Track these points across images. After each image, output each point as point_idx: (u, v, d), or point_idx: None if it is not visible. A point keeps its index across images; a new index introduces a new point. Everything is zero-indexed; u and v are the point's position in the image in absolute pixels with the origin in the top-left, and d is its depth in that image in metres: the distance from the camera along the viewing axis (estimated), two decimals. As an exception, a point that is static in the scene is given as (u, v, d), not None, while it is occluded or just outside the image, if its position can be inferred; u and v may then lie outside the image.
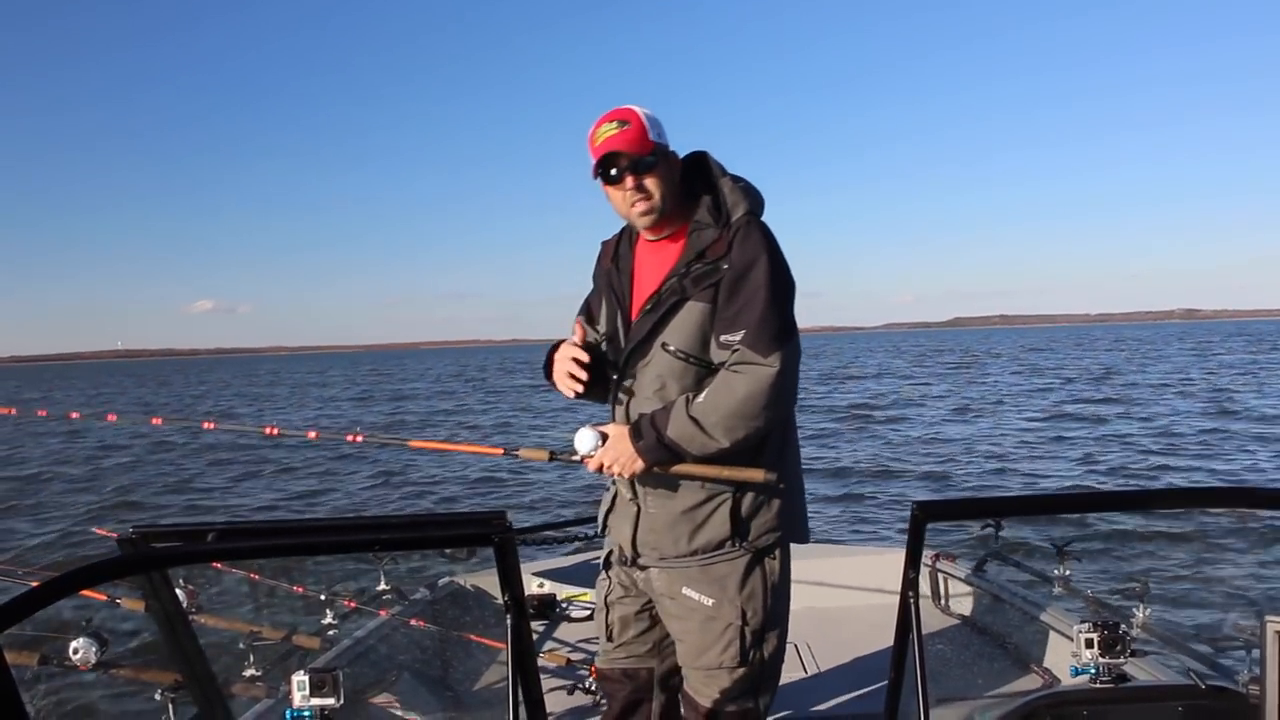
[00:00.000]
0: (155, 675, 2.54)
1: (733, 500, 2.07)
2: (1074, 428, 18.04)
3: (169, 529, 1.77)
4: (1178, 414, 19.60)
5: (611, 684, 2.34)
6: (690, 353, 2.04)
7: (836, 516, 10.27)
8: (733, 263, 2.00)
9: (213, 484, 14.48)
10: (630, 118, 2.06)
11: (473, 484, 13.48)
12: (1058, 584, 3.39)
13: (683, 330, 2.04)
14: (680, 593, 2.13)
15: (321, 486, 13.94)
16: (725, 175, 2.13)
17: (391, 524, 2.06)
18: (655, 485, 2.11)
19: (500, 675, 3.27)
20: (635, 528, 2.16)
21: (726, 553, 2.09)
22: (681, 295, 2.03)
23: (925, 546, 1.70)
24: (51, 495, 13.57)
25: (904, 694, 1.75)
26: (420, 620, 3.42)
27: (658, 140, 2.07)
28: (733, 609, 2.09)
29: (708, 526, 2.08)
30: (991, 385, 31.12)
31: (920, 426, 19.61)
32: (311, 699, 1.77)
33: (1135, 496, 2.41)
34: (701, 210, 2.07)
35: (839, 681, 3.10)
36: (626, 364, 2.13)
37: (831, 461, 14.66)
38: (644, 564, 2.19)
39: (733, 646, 2.10)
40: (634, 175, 2.04)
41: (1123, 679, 1.93)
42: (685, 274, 2.04)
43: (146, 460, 17.90)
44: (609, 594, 2.31)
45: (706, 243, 2.04)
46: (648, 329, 2.07)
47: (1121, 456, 14.15)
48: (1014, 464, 13.85)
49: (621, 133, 2.04)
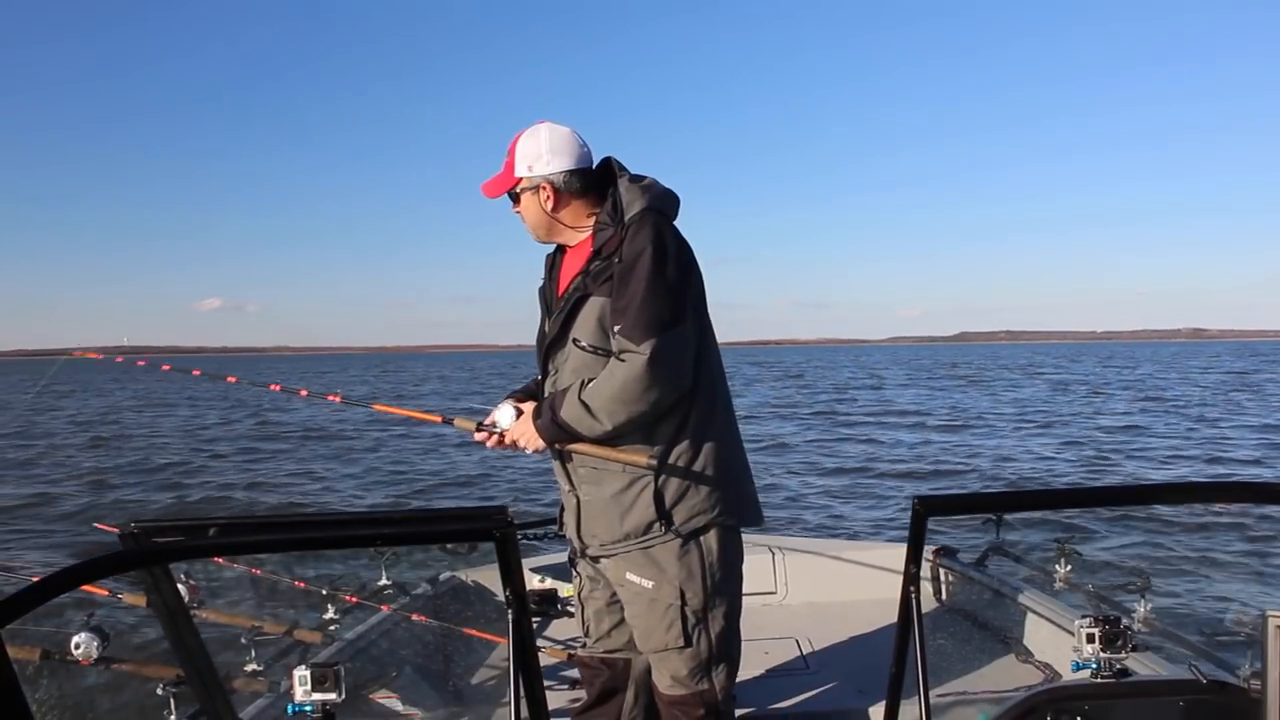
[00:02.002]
0: (157, 670, 2.55)
1: (655, 484, 2.14)
2: (1074, 428, 18.04)
3: (170, 523, 1.77)
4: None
5: (590, 671, 2.44)
6: (598, 345, 2.15)
7: (838, 511, 10.28)
8: (623, 257, 2.10)
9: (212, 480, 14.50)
10: (509, 150, 2.26)
11: (473, 479, 13.49)
12: (1059, 579, 3.39)
13: (587, 325, 2.15)
14: (625, 578, 2.21)
15: (321, 486, 13.96)
16: (624, 175, 2.24)
17: (393, 519, 2.06)
18: (585, 474, 2.21)
19: (502, 670, 3.27)
20: (578, 518, 2.26)
21: (657, 536, 2.16)
22: (584, 292, 2.15)
23: (926, 541, 1.70)
24: (54, 489, 13.59)
25: (905, 688, 1.75)
26: (422, 615, 3.42)
27: (526, 174, 2.24)
28: (671, 589, 2.16)
29: (635, 510, 2.16)
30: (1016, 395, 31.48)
31: (921, 426, 19.63)
32: (313, 694, 1.78)
33: (1136, 491, 2.41)
34: (603, 212, 2.20)
35: (839, 675, 3.10)
36: (547, 361, 2.26)
37: (832, 458, 14.68)
38: (591, 554, 2.28)
39: (675, 627, 2.17)
40: (513, 204, 2.31)
41: (1124, 674, 1.93)
42: (587, 272, 2.16)
43: (149, 460, 17.92)
44: (581, 589, 2.42)
45: (604, 240, 2.16)
46: (559, 326, 2.20)
47: (1125, 456, 14.16)
48: (1016, 461, 13.86)
49: (492, 178, 2.29)
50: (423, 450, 17.20)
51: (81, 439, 21.71)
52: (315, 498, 12.71)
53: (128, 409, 33.28)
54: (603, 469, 2.18)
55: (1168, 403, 25.27)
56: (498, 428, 2.25)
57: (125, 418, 28.93)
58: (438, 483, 13.57)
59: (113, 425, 25.57)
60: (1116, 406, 24.27)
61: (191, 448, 19.04)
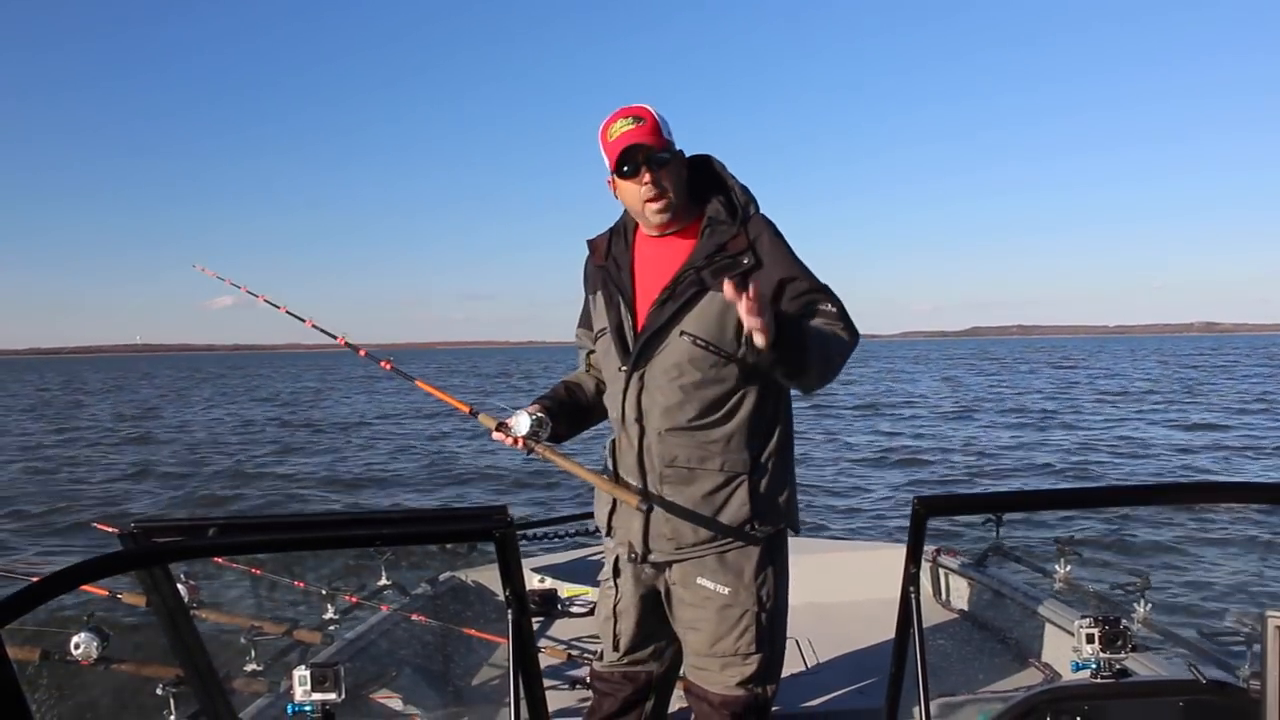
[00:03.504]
0: (157, 670, 2.54)
1: (750, 481, 2.10)
2: (1079, 426, 18.04)
3: (170, 523, 1.77)
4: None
5: (609, 684, 2.33)
6: (710, 340, 2.07)
7: (838, 511, 10.28)
8: (766, 255, 2.07)
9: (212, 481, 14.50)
10: (645, 115, 2.10)
11: (474, 478, 13.50)
12: (1058, 579, 3.39)
13: (703, 318, 2.07)
14: (695, 582, 2.14)
15: (320, 484, 13.95)
16: (732, 176, 2.18)
17: (393, 519, 2.06)
18: (671, 474, 2.12)
19: (501, 670, 3.27)
20: (646, 522, 2.14)
21: (744, 537, 2.10)
22: (701, 285, 2.06)
23: (926, 541, 1.70)
24: (56, 488, 13.59)
25: (904, 689, 1.75)
26: (421, 615, 3.42)
27: (669, 138, 2.11)
28: (749, 596, 2.11)
29: (728, 509, 2.10)
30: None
31: (922, 423, 19.63)
32: (313, 694, 1.77)
33: (1136, 491, 2.40)
34: (715, 207, 2.13)
35: (840, 676, 3.10)
36: (641, 352, 2.12)
37: (833, 457, 14.68)
38: (656, 560, 2.17)
39: (749, 633, 2.12)
40: (651, 170, 2.07)
41: (1123, 674, 1.92)
42: (704, 265, 2.07)
43: (152, 458, 17.92)
44: (618, 602, 2.28)
45: (725, 237, 2.09)
46: (666, 317, 2.09)
47: (1127, 456, 14.16)
48: (1016, 461, 13.87)
49: (639, 128, 2.07)
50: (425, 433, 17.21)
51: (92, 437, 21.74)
52: (316, 495, 12.71)
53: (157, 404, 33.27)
54: (697, 468, 2.10)
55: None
56: (513, 432, 2.13)
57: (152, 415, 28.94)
58: (438, 478, 13.58)
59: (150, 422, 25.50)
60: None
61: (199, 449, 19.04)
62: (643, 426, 2.13)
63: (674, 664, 2.33)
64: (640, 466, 2.15)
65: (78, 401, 38.61)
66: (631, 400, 2.14)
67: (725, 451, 2.09)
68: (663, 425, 2.10)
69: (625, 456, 2.18)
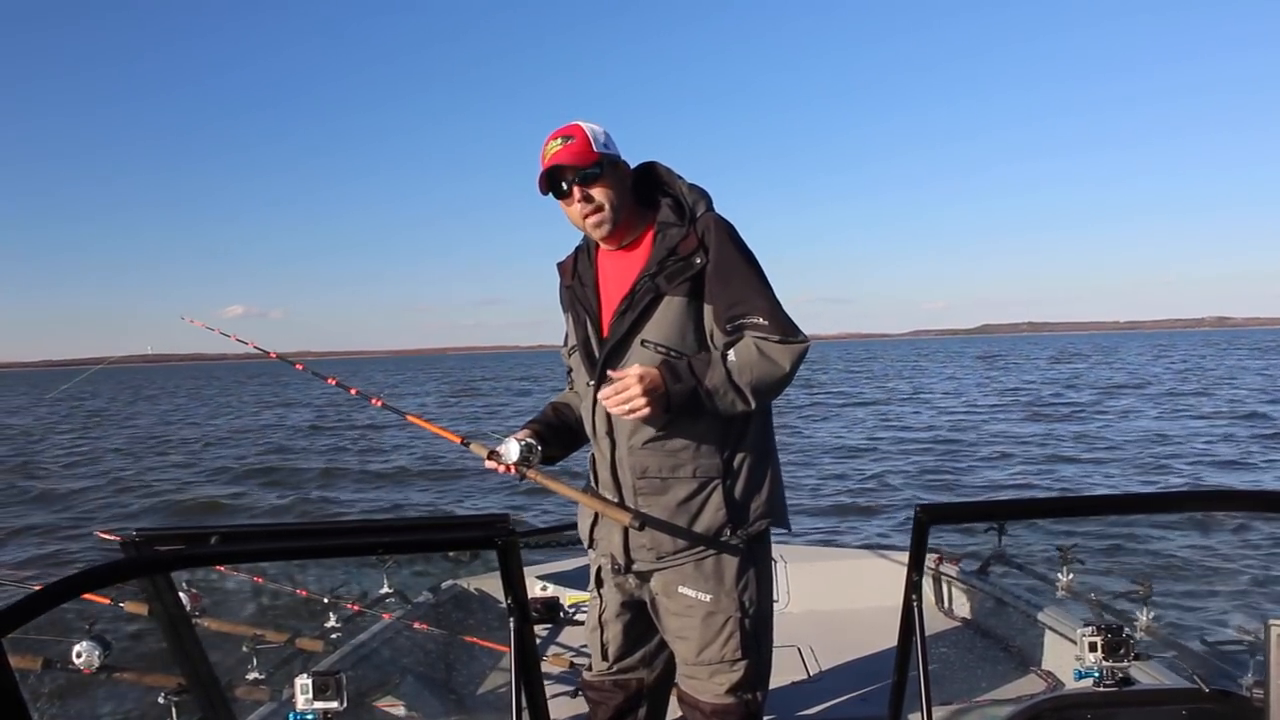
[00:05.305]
0: (159, 679, 2.54)
1: (724, 486, 2.09)
2: (1078, 429, 18.02)
3: (172, 532, 1.77)
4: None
5: (601, 693, 2.34)
6: (671, 346, 2.07)
7: (840, 519, 10.26)
8: (711, 256, 2.05)
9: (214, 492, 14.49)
10: (574, 133, 2.11)
11: (475, 487, 13.48)
12: (1061, 587, 3.38)
13: (662, 325, 2.08)
14: (677, 591, 2.14)
15: (320, 487, 13.95)
16: (679, 178, 2.19)
17: (395, 527, 2.06)
18: (645, 484, 2.12)
19: (504, 679, 3.27)
20: (626, 533, 2.15)
21: (721, 542, 2.10)
22: (656, 292, 2.07)
23: (928, 549, 1.70)
24: (58, 498, 13.59)
25: (907, 697, 1.75)
26: (423, 623, 3.42)
27: (604, 151, 2.11)
28: (731, 602, 2.11)
29: (703, 516, 2.09)
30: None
31: (924, 427, 19.60)
32: (315, 702, 1.77)
33: (1140, 499, 2.40)
34: (664, 212, 2.13)
35: (842, 684, 3.10)
36: (605, 364, 2.12)
37: (835, 460, 14.66)
38: (639, 569, 2.17)
39: (733, 640, 2.11)
40: (581, 186, 2.09)
41: (1126, 682, 1.92)
42: (658, 272, 2.07)
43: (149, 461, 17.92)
44: (603, 612, 2.30)
45: (676, 240, 2.08)
46: (626, 327, 2.09)
47: (1129, 456, 14.14)
48: (1017, 467, 13.84)
49: (566, 148, 2.08)
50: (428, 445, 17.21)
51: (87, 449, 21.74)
52: (317, 504, 12.71)
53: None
54: (669, 477, 2.09)
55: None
56: (504, 459, 2.13)
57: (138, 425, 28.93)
58: (440, 486, 13.57)
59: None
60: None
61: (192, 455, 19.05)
62: (613, 439, 2.14)
63: (667, 670, 2.33)
64: (615, 479, 2.16)
65: (94, 409, 38.60)
66: (601, 413, 2.14)
67: (696, 458, 2.08)
68: (632, 436, 2.11)
69: (601, 470, 2.20)
